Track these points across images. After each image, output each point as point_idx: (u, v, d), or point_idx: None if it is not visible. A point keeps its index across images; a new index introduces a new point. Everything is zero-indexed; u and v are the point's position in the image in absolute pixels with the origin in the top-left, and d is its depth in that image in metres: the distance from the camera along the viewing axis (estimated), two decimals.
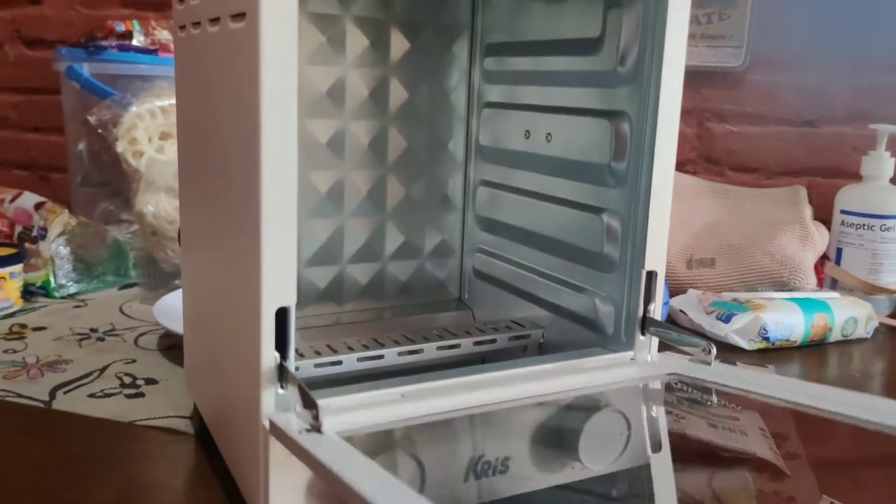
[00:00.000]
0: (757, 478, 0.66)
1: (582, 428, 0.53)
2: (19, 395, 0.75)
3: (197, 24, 0.57)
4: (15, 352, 0.86)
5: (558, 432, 0.55)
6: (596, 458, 0.55)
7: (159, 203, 0.98)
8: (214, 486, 0.60)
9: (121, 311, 1.01)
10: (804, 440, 0.74)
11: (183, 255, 0.69)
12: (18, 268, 0.98)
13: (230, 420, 0.56)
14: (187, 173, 0.65)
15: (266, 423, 0.46)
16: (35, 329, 0.93)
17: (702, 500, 0.61)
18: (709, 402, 0.76)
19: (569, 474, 0.57)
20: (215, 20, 0.52)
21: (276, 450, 0.46)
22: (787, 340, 0.99)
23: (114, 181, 1.18)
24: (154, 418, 0.71)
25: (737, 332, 0.98)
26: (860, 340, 1.04)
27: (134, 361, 0.84)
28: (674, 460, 0.68)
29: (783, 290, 1.08)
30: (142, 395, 0.76)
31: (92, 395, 0.75)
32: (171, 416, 0.71)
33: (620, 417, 0.55)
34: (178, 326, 0.82)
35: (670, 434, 0.68)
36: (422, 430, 0.50)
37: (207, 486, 0.61)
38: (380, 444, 0.48)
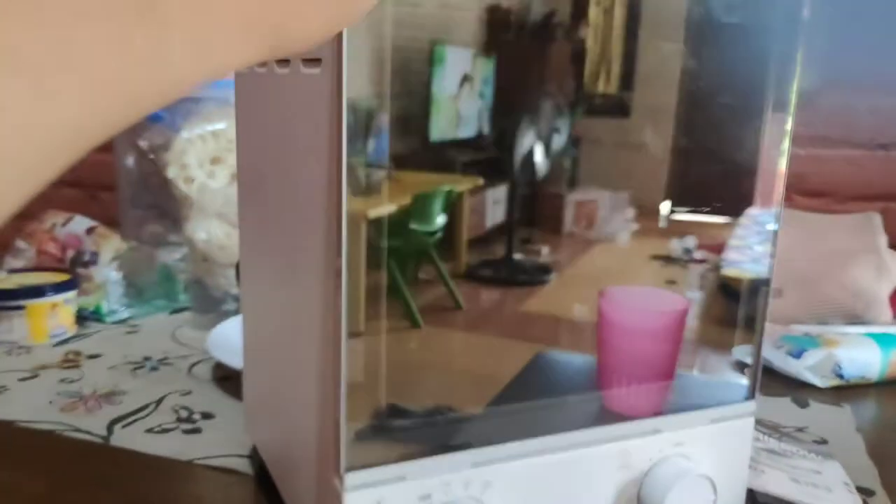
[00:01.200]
0: None
1: (668, 491, 0.50)
2: (77, 430, 0.74)
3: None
4: (71, 381, 0.85)
5: (639, 497, 0.52)
6: None
7: (211, 229, 0.97)
8: None
9: (173, 337, 1.00)
10: (893, 495, 0.69)
11: (243, 290, 0.68)
12: (72, 294, 0.98)
13: (296, 468, 0.54)
14: (247, 210, 0.64)
15: (344, 497, 0.43)
16: (90, 357, 0.92)
17: None
18: (789, 453, 0.72)
19: None
20: (284, 62, 0.50)
21: None
22: (863, 378, 0.94)
23: (162, 203, 1.17)
24: (213, 457, 0.69)
25: (809, 368, 0.93)
26: None
27: (189, 393, 0.83)
28: None
29: (857, 324, 1.03)
30: (199, 430, 0.74)
31: (150, 430, 0.74)
32: (231, 455, 0.70)
33: (706, 482, 0.51)
34: (232, 359, 0.81)
35: (753, 492, 0.64)
36: (501, 497, 0.47)
37: None
38: None
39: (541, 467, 0.49)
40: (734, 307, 0.56)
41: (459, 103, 0.41)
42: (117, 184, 1.33)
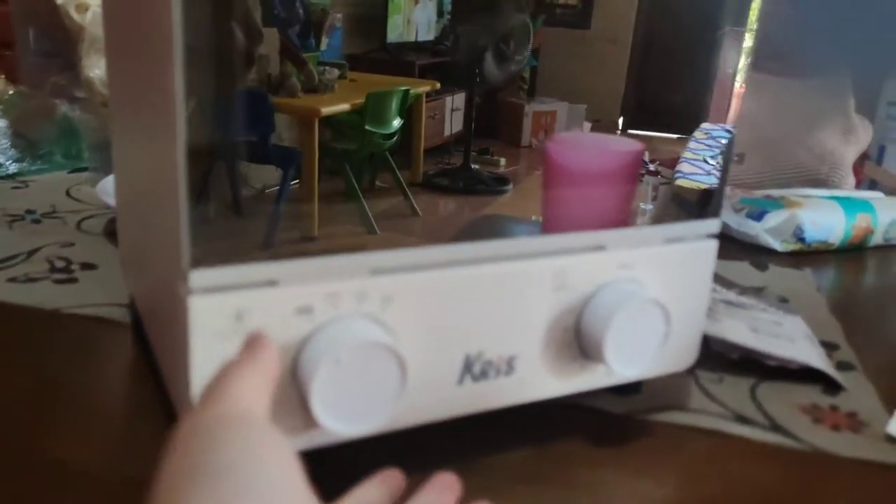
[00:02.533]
0: (810, 391, 0.55)
1: (612, 317, 0.41)
2: None
3: None
4: None
5: (579, 326, 0.43)
6: (624, 360, 0.43)
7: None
8: (146, 380, 0.49)
9: (67, 193, 0.88)
10: (857, 349, 0.62)
11: (113, 129, 0.56)
12: None
13: (158, 305, 0.44)
14: (112, 40, 0.52)
15: (189, 302, 0.33)
16: None
17: (744, 413, 0.50)
18: (748, 305, 0.65)
19: (588, 380, 0.45)
20: None
21: (201, 336, 0.34)
22: (825, 242, 0.87)
23: (65, 51, 1.03)
24: (84, 306, 0.59)
25: (769, 231, 0.86)
26: None
27: (72, 245, 0.72)
28: (712, 369, 0.56)
29: (820, 188, 0.96)
30: (74, 280, 0.64)
31: (12, 280, 0.63)
32: (105, 304, 0.59)
33: (658, 310, 0.43)
34: None
35: (708, 339, 0.56)
36: (404, 315, 0.38)
37: (139, 380, 0.49)
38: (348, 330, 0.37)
39: (458, 281, 0.39)
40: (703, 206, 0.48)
41: (418, 5, 0.40)
42: (15, 37, 1.17)
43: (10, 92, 0.91)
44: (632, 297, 0.42)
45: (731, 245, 0.88)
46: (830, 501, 0.42)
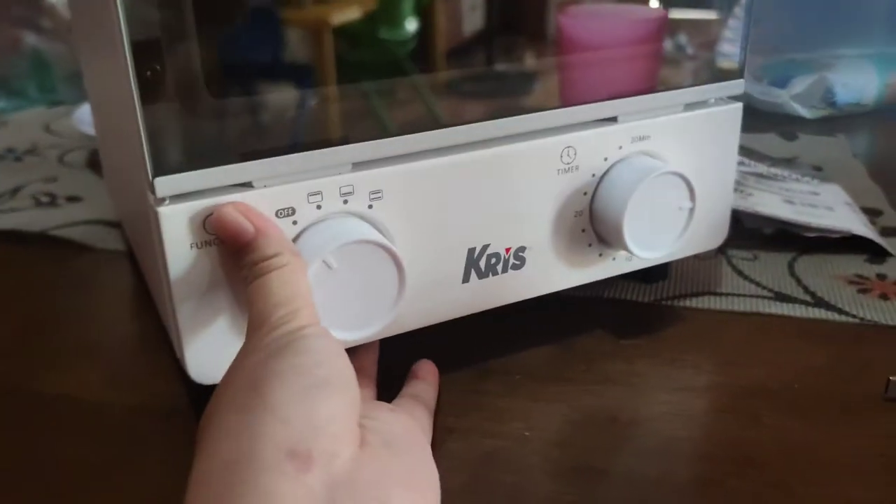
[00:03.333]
0: (853, 261, 0.50)
1: (629, 196, 0.37)
2: None
3: None
4: None
5: (593, 209, 0.39)
6: (646, 243, 0.39)
7: None
8: (145, 309, 0.46)
9: (47, 129, 0.84)
10: None
11: (79, 53, 0.52)
12: None
13: (139, 224, 0.40)
14: None
15: (158, 212, 0.29)
16: None
17: (783, 290, 0.46)
18: (780, 177, 0.60)
19: (607, 267, 0.41)
20: None
21: (175, 246, 0.30)
22: (857, 104, 0.81)
23: None
24: (70, 225, 0.56)
25: (796, 97, 0.79)
26: None
27: (55, 180, 0.68)
28: (745, 247, 0.52)
29: (850, 47, 0.88)
30: (60, 208, 0.60)
31: None
32: (94, 223, 0.56)
33: (680, 183, 0.38)
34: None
35: (739, 215, 0.51)
36: (396, 211, 0.34)
37: (137, 308, 0.46)
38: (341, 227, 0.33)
39: (451, 169, 0.35)
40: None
41: None
42: None
43: None
44: (650, 171, 0.38)
45: (755, 116, 0.81)
46: (883, 374, 0.38)
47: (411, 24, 0.33)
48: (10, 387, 0.40)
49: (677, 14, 0.40)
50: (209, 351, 0.32)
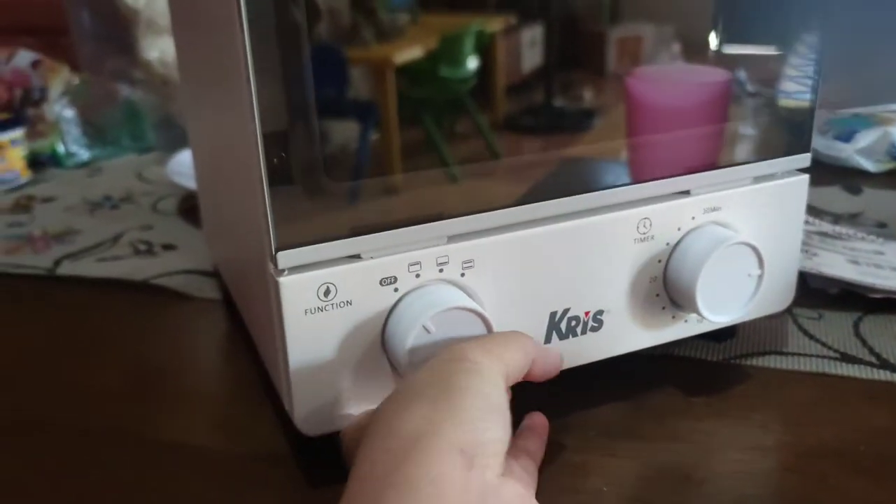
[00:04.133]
0: None
1: (701, 264, 0.40)
2: (19, 266, 0.65)
3: None
4: (21, 225, 0.76)
5: (667, 275, 0.41)
6: (717, 307, 0.41)
7: (163, 46, 0.84)
8: (241, 354, 0.50)
9: (139, 177, 0.90)
10: None
11: (184, 105, 0.57)
12: (19, 134, 0.87)
13: (247, 279, 0.44)
14: (178, 18, 0.52)
15: (279, 281, 0.33)
16: (44, 200, 0.83)
17: (848, 351, 0.48)
18: (845, 235, 0.61)
19: (680, 329, 0.44)
20: None
21: (293, 312, 0.34)
22: None
23: (120, 35, 1.04)
24: (169, 274, 0.61)
25: (861, 151, 0.81)
26: None
27: (151, 228, 0.73)
28: (811, 306, 0.54)
29: None
30: (158, 257, 0.65)
31: (102, 260, 0.65)
32: (191, 272, 0.61)
33: (750, 252, 0.41)
34: (191, 182, 0.70)
35: (801, 275, 0.53)
36: (485, 278, 0.37)
37: (234, 354, 0.50)
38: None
39: (536, 241, 0.38)
40: (792, 138, 0.44)
41: None
42: (70, 21, 1.19)
43: (76, 81, 0.93)
44: (721, 241, 0.40)
45: (821, 170, 0.82)
46: None
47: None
48: (125, 431, 0.44)
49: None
50: (316, 405, 0.36)
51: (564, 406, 0.43)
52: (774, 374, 0.46)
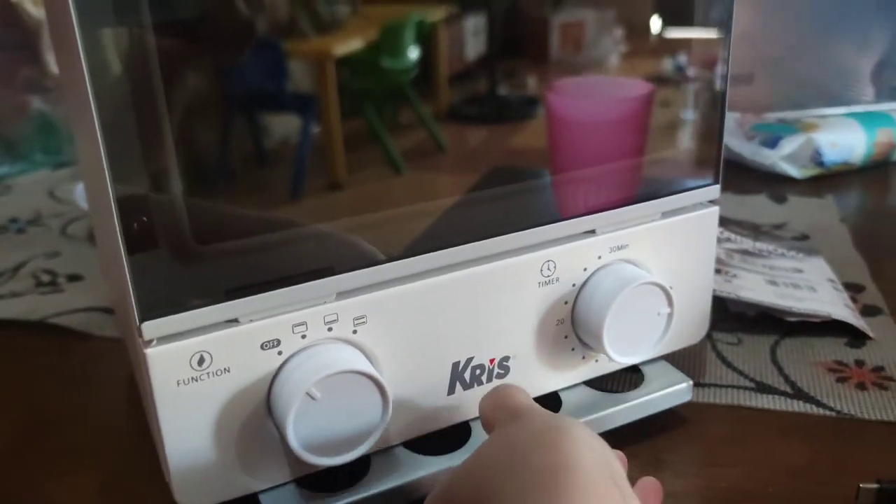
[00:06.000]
0: (833, 345, 0.51)
1: (608, 305, 0.38)
2: None
3: None
4: None
5: (574, 317, 0.40)
6: (627, 348, 0.40)
7: None
8: (141, 405, 0.47)
9: (51, 195, 0.86)
10: (885, 288, 0.59)
11: (73, 130, 0.53)
12: None
13: (128, 329, 0.41)
14: (54, 30, 0.48)
15: (146, 353, 0.31)
16: None
17: (764, 380, 0.47)
18: (765, 252, 0.61)
19: (589, 369, 0.42)
20: None
21: (163, 384, 0.31)
22: (846, 164, 0.82)
23: (31, 45, 0.99)
24: (70, 311, 0.57)
25: (786, 158, 0.81)
26: None
27: (58, 255, 0.69)
28: (730, 330, 0.53)
29: (836, 105, 0.90)
30: (61, 291, 0.62)
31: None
32: (94, 309, 0.58)
33: (658, 291, 0.40)
34: None
35: (721, 299, 0.53)
36: (379, 334, 0.35)
37: (133, 405, 0.47)
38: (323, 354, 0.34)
39: (434, 291, 0.36)
40: (701, 170, 0.43)
41: None
42: None
43: None
44: (628, 281, 0.39)
45: (747, 176, 0.83)
46: (862, 472, 0.39)
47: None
48: (6, 494, 0.41)
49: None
50: (196, 477, 0.33)
51: None
52: (691, 409, 0.45)
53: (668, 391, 0.43)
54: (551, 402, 0.42)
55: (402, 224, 0.35)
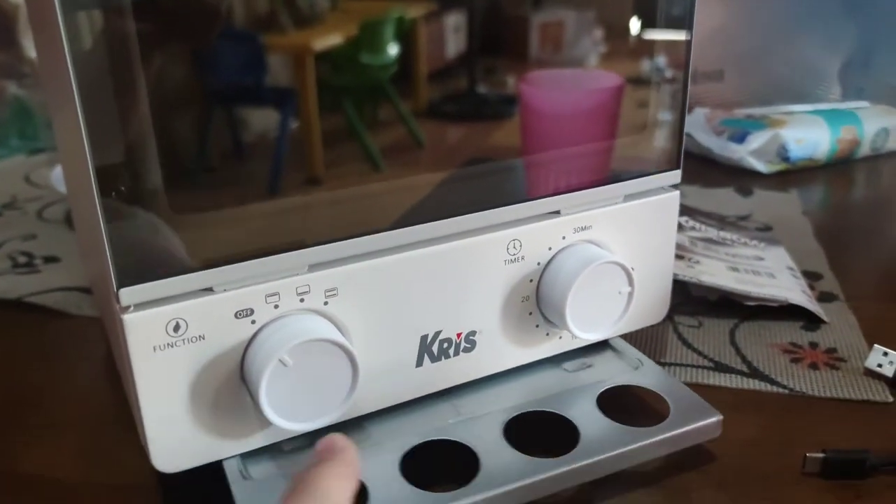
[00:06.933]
0: (789, 328, 0.53)
1: (571, 283, 0.40)
2: None
3: None
4: None
5: (538, 294, 0.42)
6: (588, 325, 0.42)
7: None
8: (116, 380, 0.48)
9: (27, 180, 0.86)
10: (841, 277, 0.61)
11: (49, 110, 0.54)
12: None
13: (105, 302, 0.42)
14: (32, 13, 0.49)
15: (123, 319, 0.32)
16: None
17: (722, 360, 0.49)
18: (728, 241, 0.63)
19: (553, 346, 0.44)
20: None
21: (140, 349, 0.33)
22: (811, 160, 0.84)
23: (4, 29, 0.99)
24: (48, 291, 0.58)
25: (753, 153, 0.83)
26: (892, 154, 0.90)
27: (34, 237, 0.70)
28: (691, 313, 0.55)
29: (803, 102, 0.92)
30: (37, 272, 0.62)
31: None
32: (71, 289, 0.58)
33: (619, 270, 0.41)
34: None
35: (683, 284, 0.54)
36: (350, 306, 0.36)
37: (108, 380, 0.48)
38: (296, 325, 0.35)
39: (402, 266, 0.38)
40: (663, 155, 0.45)
41: None
42: None
43: None
44: (590, 260, 0.41)
45: (716, 170, 0.85)
46: (809, 443, 0.41)
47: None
48: None
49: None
50: (172, 442, 0.35)
51: None
52: None
53: (696, 426, 0.40)
54: (568, 433, 0.40)
55: (375, 201, 0.37)
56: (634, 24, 0.42)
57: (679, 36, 0.43)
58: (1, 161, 0.92)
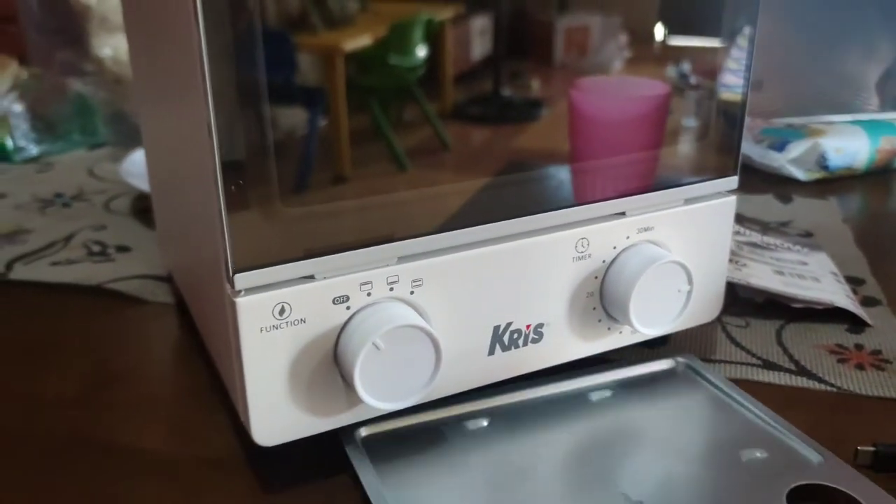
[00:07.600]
0: (835, 331, 0.55)
1: (635, 280, 0.42)
2: None
3: None
4: None
5: (603, 291, 0.44)
6: (649, 320, 0.44)
7: (116, 44, 0.84)
8: (196, 362, 0.51)
9: (91, 173, 0.90)
10: (883, 283, 0.63)
11: (139, 108, 0.57)
12: None
13: (202, 290, 0.45)
14: (131, 17, 0.52)
15: (236, 302, 0.35)
16: None
17: (770, 358, 0.51)
18: (773, 246, 0.65)
19: (614, 340, 0.47)
20: None
21: (249, 331, 0.36)
22: (850, 168, 0.86)
23: (70, 27, 1.03)
24: (124, 278, 0.61)
25: (792, 161, 0.85)
26: None
27: (104, 228, 0.74)
28: (739, 314, 0.57)
29: (842, 113, 0.94)
30: (112, 261, 0.66)
31: (56, 264, 0.65)
32: (146, 277, 0.62)
33: (680, 269, 0.44)
34: (147, 185, 0.71)
35: (731, 286, 0.57)
36: (433, 296, 0.39)
37: (188, 362, 0.52)
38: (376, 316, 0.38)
39: (482, 260, 0.40)
40: (731, 133, 0.47)
41: None
42: (18, 12, 1.17)
43: (25, 76, 0.92)
44: (653, 259, 0.43)
45: (755, 177, 0.87)
46: (857, 439, 0.43)
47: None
48: (77, 437, 0.45)
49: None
50: (271, 417, 0.38)
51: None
52: None
53: None
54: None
55: (457, 200, 0.40)
56: (659, 31, 0.43)
57: (741, 46, 0.45)
58: (63, 155, 0.96)
